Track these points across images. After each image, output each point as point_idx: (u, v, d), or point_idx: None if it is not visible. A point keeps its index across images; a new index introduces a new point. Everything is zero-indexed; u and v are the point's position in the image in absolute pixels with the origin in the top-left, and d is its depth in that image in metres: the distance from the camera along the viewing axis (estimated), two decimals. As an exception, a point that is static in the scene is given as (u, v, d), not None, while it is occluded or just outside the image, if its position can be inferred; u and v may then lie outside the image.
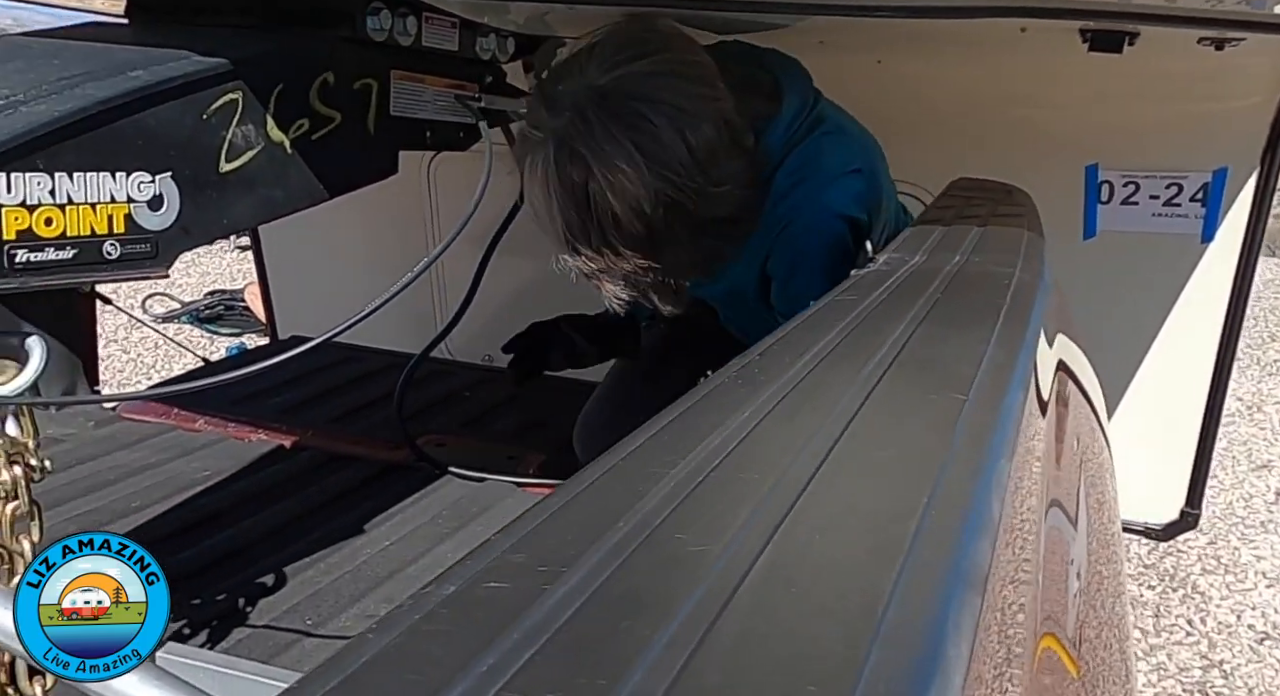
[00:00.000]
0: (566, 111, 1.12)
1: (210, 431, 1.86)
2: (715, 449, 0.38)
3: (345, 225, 2.53)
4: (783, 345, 0.53)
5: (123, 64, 0.95)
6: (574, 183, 1.12)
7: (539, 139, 1.14)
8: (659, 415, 0.44)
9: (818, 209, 1.25)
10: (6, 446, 0.86)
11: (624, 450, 0.40)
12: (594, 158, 1.10)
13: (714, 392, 0.46)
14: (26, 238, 0.85)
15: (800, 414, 0.42)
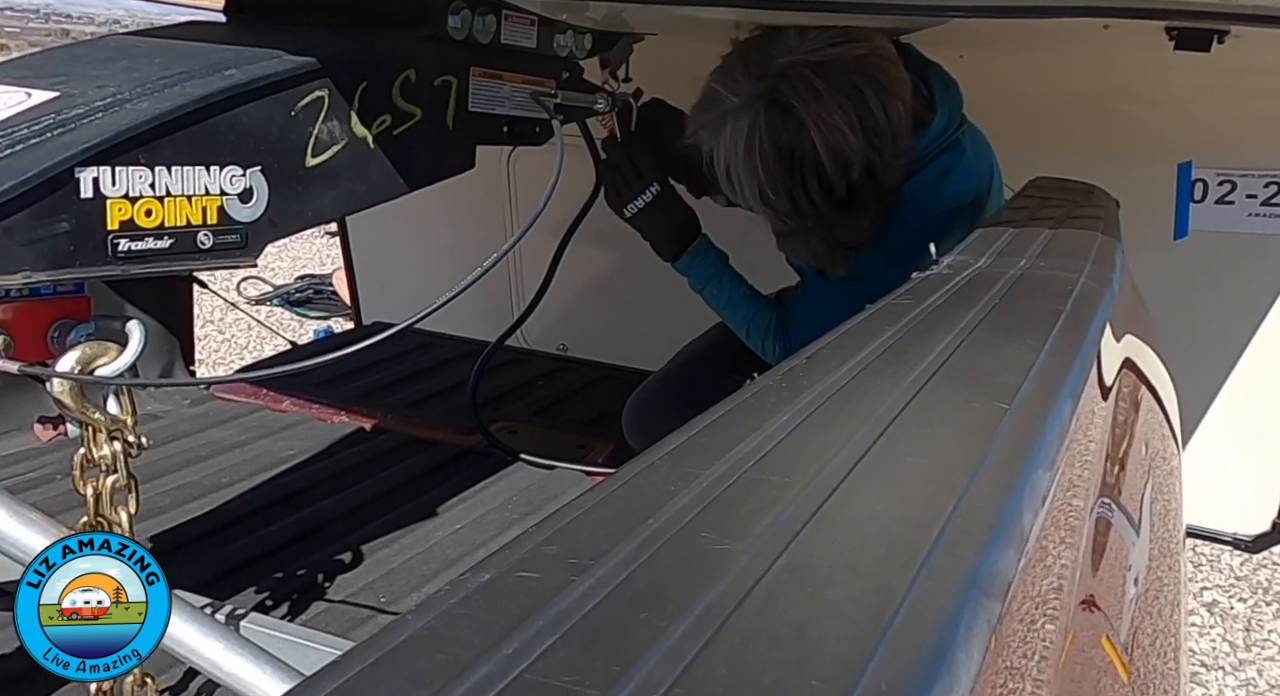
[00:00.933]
0: (782, 79, 1.24)
1: (295, 412, 1.94)
2: (750, 452, 0.40)
3: (428, 216, 2.60)
4: (831, 349, 0.54)
5: (218, 63, 1.00)
6: (786, 139, 1.25)
7: (737, 103, 1.27)
8: (698, 417, 0.45)
9: (920, 226, 1.33)
10: (108, 423, 0.92)
11: (661, 449, 0.42)
12: (813, 118, 1.24)
13: (756, 395, 0.47)
14: (128, 228, 0.91)
15: (837, 419, 0.43)
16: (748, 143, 1.28)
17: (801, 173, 1.28)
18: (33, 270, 0.85)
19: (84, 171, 0.87)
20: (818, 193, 1.29)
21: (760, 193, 1.31)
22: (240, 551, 1.42)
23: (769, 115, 1.27)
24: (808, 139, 1.26)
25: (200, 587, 1.31)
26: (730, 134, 1.30)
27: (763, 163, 1.28)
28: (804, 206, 1.30)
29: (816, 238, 1.37)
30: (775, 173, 1.29)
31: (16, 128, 0.88)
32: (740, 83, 1.30)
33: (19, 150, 0.86)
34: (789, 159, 1.28)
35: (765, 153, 1.28)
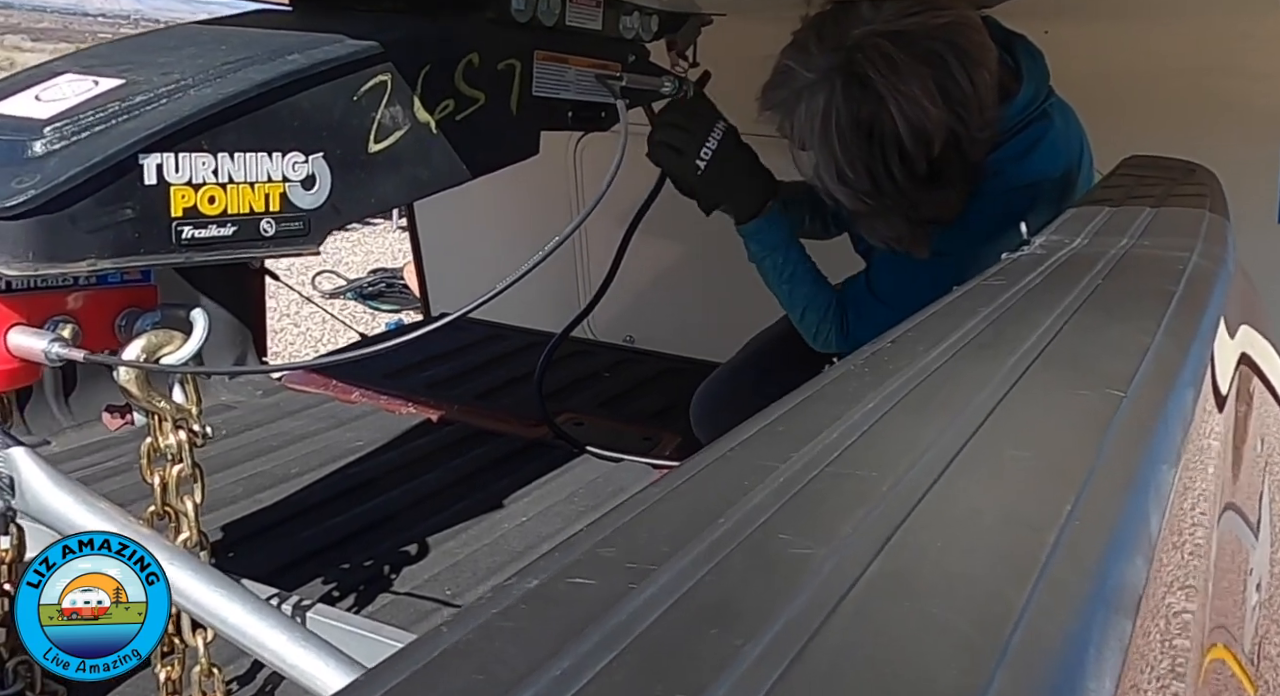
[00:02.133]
0: (858, 50, 1.20)
1: (364, 403, 1.95)
2: (832, 443, 0.36)
3: (495, 209, 2.59)
4: (918, 332, 0.49)
5: (281, 48, 0.99)
6: (864, 114, 1.20)
7: (811, 78, 1.23)
8: (775, 404, 0.41)
9: (1003, 199, 1.29)
10: (173, 412, 0.92)
11: (733, 440, 0.38)
12: (891, 90, 1.19)
13: (837, 381, 0.43)
14: (192, 215, 0.90)
15: (929, 408, 0.39)
16: (824, 119, 1.23)
17: (881, 148, 1.22)
18: (98, 258, 0.85)
19: (148, 158, 0.87)
20: (899, 168, 1.23)
21: (838, 171, 1.26)
22: (308, 541, 1.42)
23: (845, 89, 1.22)
24: (886, 112, 1.20)
25: (268, 577, 1.31)
26: (805, 111, 1.25)
27: (840, 139, 1.23)
28: (884, 184, 1.24)
29: (898, 216, 1.30)
30: (853, 149, 1.23)
31: (83, 114, 0.87)
32: (814, 57, 1.25)
33: (85, 137, 0.86)
34: (867, 134, 1.22)
35: (842, 129, 1.22)
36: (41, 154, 0.85)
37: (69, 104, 0.90)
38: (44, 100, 0.92)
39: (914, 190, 1.25)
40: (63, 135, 0.86)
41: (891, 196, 1.25)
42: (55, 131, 0.86)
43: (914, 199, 1.26)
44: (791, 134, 1.28)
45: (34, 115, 0.88)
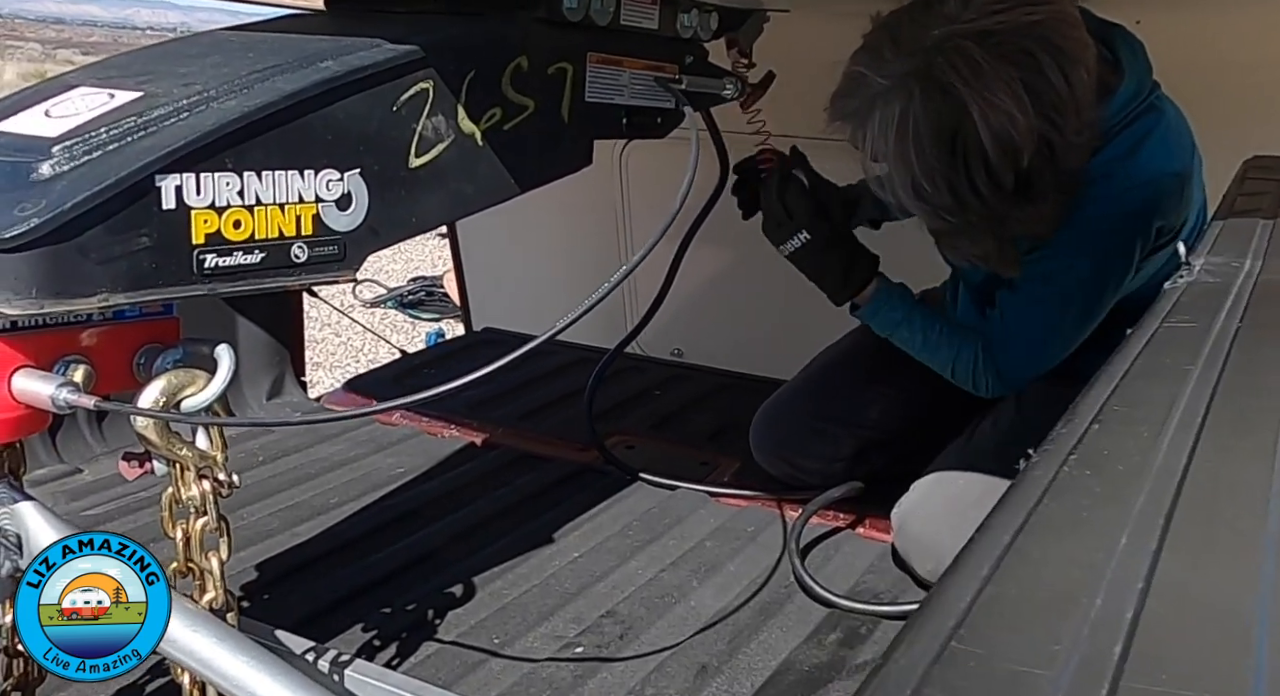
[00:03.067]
0: (938, 53, 1.08)
1: (405, 425, 1.86)
2: (1101, 619, 0.25)
3: (537, 217, 2.50)
4: (1125, 404, 0.38)
5: (313, 55, 0.90)
6: (945, 124, 1.10)
7: (885, 85, 1.12)
8: (979, 532, 0.31)
9: (1118, 200, 1.19)
10: (196, 460, 0.82)
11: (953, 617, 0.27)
12: (974, 96, 1.08)
13: (1057, 496, 0.32)
14: (215, 242, 0.81)
15: (1215, 550, 0.28)
16: (899, 129, 1.12)
17: (964, 161, 1.11)
18: (111, 292, 0.76)
19: (165, 179, 0.78)
20: (984, 183, 1.11)
21: (914, 186, 1.14)
22: (347, 580, 1.33)
23: (924, 97, 1.10)
24: (970, 122, 1.09)
25: (307, 621, 1.23)
26: (879, 121, 1.14)
27: (917, 151, 1.12)
28: (968, 199, 1.13)
29: (984, 234, 1.18)
30: (932, 162, 1.11)
31: (95, 132, 0.79)
32: (889, 62, 1.13)
33: (96, 157, 0.77)
34: (949, 146, 1.11)
35: (920, 139, 1.11)
36: (49, 176, 0.76)
37: (81, 120, 0.81)
38: (54, 116, 0.83)
39: (1001, 205, 1.13)
40: (72, 155, 0.77)
41: (976, 213, 1.13)
42: (64, 151, 0.77)
43: (1001, 215, 1.14)
44: (864, 145, 1.17)
45: (42, 133, 0.80)
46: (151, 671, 1.11)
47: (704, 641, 1.22)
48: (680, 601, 1.32)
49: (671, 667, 1.17)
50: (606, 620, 1.27)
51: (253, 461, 1.69)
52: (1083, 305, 1.28)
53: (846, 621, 1.28)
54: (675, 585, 1.36)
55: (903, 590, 1.37)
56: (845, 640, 1.24)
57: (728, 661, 1.18)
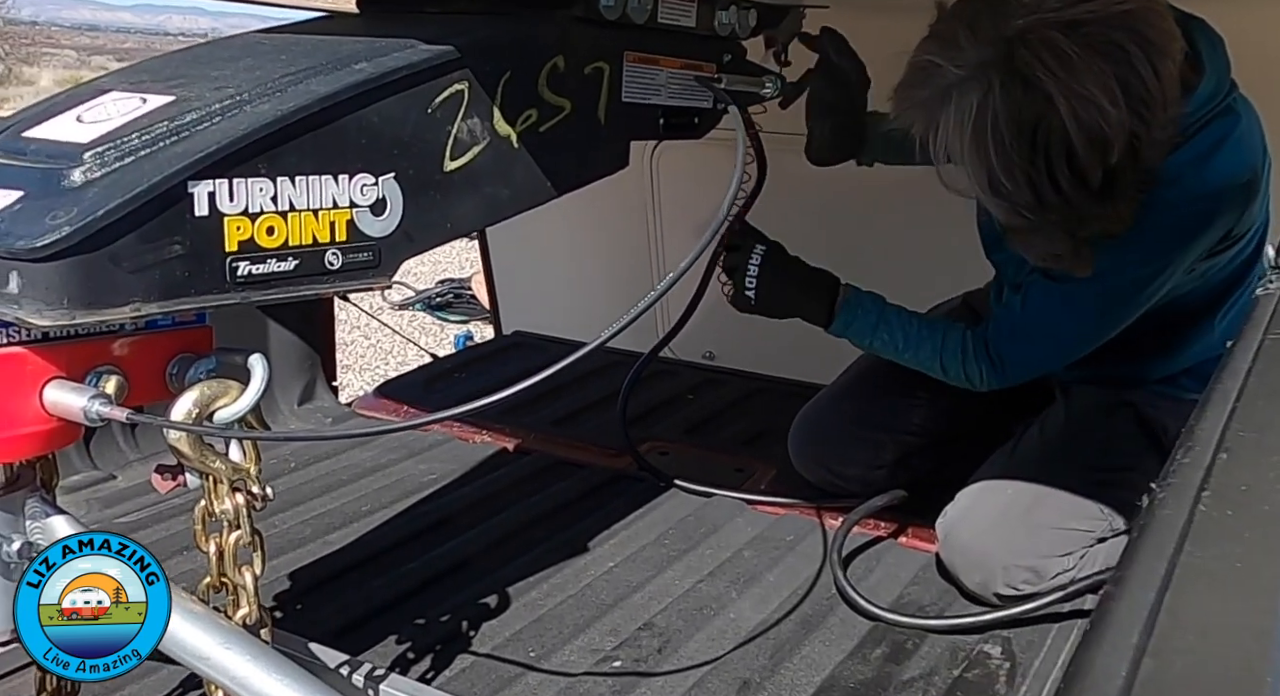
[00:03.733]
0: (1022, 43, 1.05)
1: (437, 431, 1.84)
2: None
3: (568, 220, 2.47)
4: (1248, 427, 0.34)
5: (347, 57, 0.88)
6: (1028, 116, 1.05)
7: (961, 75, 1.08)
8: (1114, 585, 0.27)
9: (1185, 207, 1.15)
10: (229, 473, 0.80)
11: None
12: (1062, 89, 1.03)
13: (1202, 539, 0.28)
14: (248, 249, 0.79)
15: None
16: (977, 120, 1.07)
17: (1047, 156, 1.06)
18: (143, 301, 0.74)
19: (198, 185, 0.76)
20: (1067, 179, 1.06)
21: (991, 182, 1.09)
22: (380, 591, 1.31)
23: (1006, 87, 1.05)
24: (1055, 115, 1.04)
25: (340, 633, 1.21)
26: (955, 111, 1.08)
27: (996, 145, 1.06)
28: (1048, 196, 1.08)
29: (1060, 233, 1.13)
30: (1013, 156, 1.06)
31: (127, 138, 0.77)
32: (965, 51, 1.08)
33: (128, 163, 0.75)
34: (1030, 139, 1.06)
35: (1000, 132, 1.06)
36: (80, 183, 0.74)
37: (113, 125, 0.79)
38: (86, 122, 0.81)
39: (1083, 203, 1.08)
40: (104, 162, 0.75)
41: (1056, 210, 1.08)
42: (96, 158, 0.75)
43: (1082, 213, 1.09)
44: (933, 139, 1.12)
45: (74, 139, 0.78)
46: (184, 684, 1.09)
47: (745, 655, 1.19)
48: (719, 613, 1.29)
49: (712, 683, 1.14)
50: (644, 632, 1.24)
51: (284, 468, 1.68)
52: (1122, 308, 1.24)
53: (892, 635, 1.24)
54: (713, 596, 1.33)
55: (949, 603, 1.33)
56: (891, 655, 1.20)
57: (770, 677, 1.15)
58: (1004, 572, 1.28)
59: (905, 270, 2.05)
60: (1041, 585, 1.28)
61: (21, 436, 0.73)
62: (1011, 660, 1.19)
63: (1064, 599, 1.26)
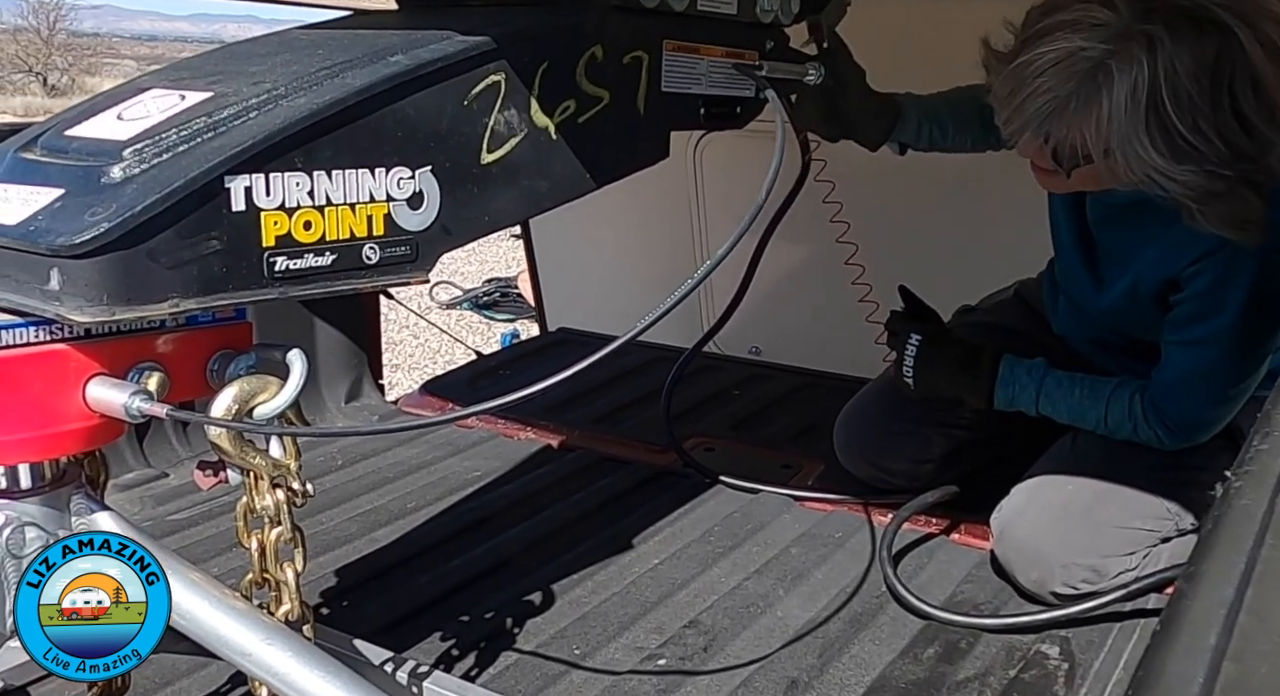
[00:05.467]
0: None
1: (481, 428, 1.84)
2: None
3: (611, 216, 2.46)
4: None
5: (383, 49, 0.87)
6: (1207, 54, 0.99)
7: (1106, 48, 1.01)
8: (1186, 583, 0.25)
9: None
10: (269, 469, 0.80)
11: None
12: (1232, 11, 0.99)
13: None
14: (285, 244, 0.79)
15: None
16: (1151, 84, 1.00)
17: (1231, 92, 0.99)
18: (182, 297, 0.74)
19: (234, 180, 0.76)
20: (1255, 111, 1.00)
21: (1174, 149, 1.01)
22: (425, 589, 1.31)
23: (1175, 32, 0.99)
24: (1235, 42, 0.98)
25: (385, 630, 1.21)
26: (1119, 87, 1.01)
27: (1176, 103, 0.99)
28: (1239, 140, 1.00)
29: (1247, 189, 1.04)
30: (1200, 106, 1.00)
31: (166, 134, 0.77)
32: (1102, 25, 1.01)
33: (166, 159, 0.75)
34: (1211, 80, 0.99)
35: (1178, 87, 0.99)
36: (119, 180, 0.74)
37: (151, 122, 0.79)
38: (126, 119, 0.82)
39: (1271, 134, 1.01)
40: (143, 158, 0.75)
41: (1247, 157, 1.01)
42: (135, 154, 0.75)
43: (1272, 153, 1.02)
44: (1093, 132, 1.04)
45: (114, 136, 0.78)
46: (233, 680, 1.10)
47: (792, 654, 1.17)
48: (766, 611, 1.26)
49: (759, 682, 1.11)
50: (689, 630, 1.22)
51: (331, 465, 1.69)
52: (1261, 328, 1.18)
53: (945, 634, 1.20)
54: (760, 594, 1.30)
55: (1004, 601, 1.29)
56: (944, 655, 1.17)
57: (819, 676, 1.12)
58: (1062, 571, 1.23)
59: (958, 259, 2.00)
60: (1101, 584, 1.23)
61: (65, 433, 0.74)
62: (1070, 660, 1.15)
63: (1126, 598, 1.21)
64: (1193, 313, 1.18)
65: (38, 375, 0.72)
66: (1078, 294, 1.40)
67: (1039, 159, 1.16)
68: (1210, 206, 1.06)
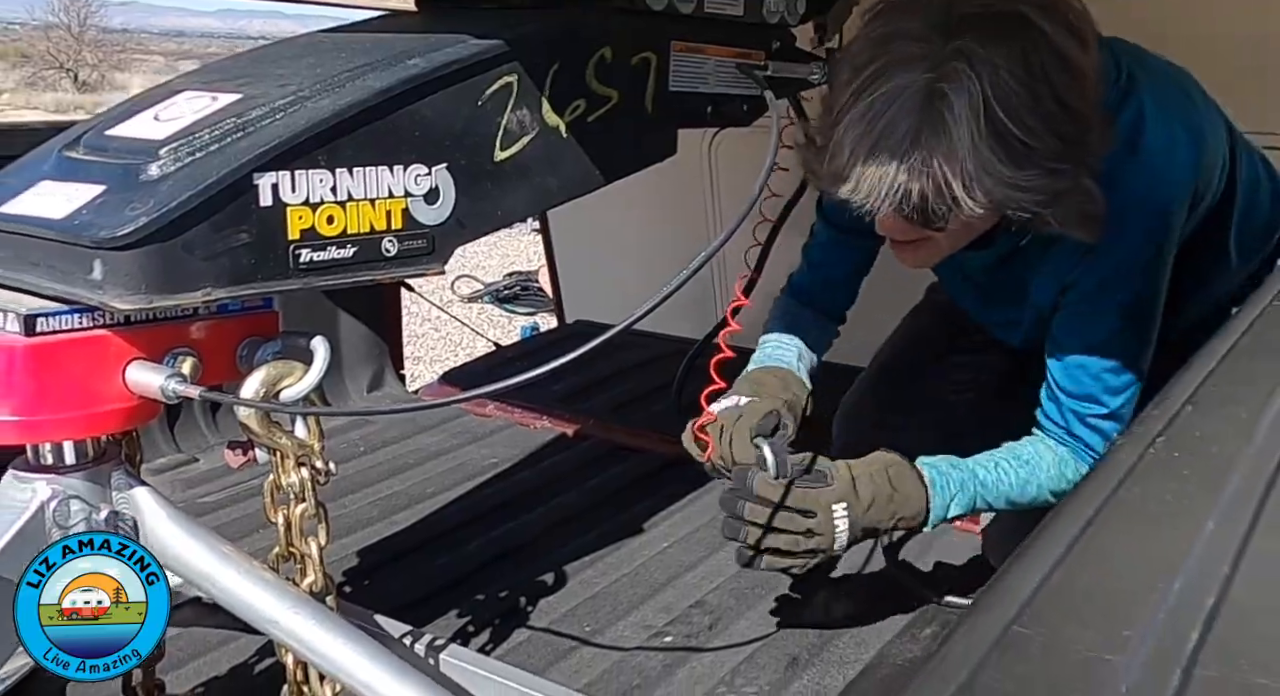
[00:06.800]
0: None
1: (499, 417, 1.90)
2: (1178, 607, 0.24)
3: (628, 209, 2.50)
4: (1223, 382, 0.35)
5: (401, 52, 0.92)
6: (1014, 49, 0.94)
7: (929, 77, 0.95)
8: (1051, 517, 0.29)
9: (1137, 213, 1.06)
10: (295, 449, 0.86)
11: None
12: (1039, 11, 0.97)
13: (1144, 478, 0.30)
14: (310, 237, 0.84)
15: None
16: (982, 94, 0.93)
17: (1047, 79, 0.95)
18: (214, 286, 0.79)
19: (263, 177, 0.81)
20: (1071, 91, 0.96)
21: (1014, 155, 0.95)
22: (443, 570, 1.37)
23: (985, 40, 0.94)
24: (1033, 29, 0.95)
25: (405, 608, 1.26)
26: (956, 106, 0.94)
27: (1008, 107, 0.94)
28: (1066, 128, 0.96)
29: (1087, 177, 1.00)
30: (1026, 103, 0.94)
31: (199, 134, 0.82)
32: (925, 43, 0.96)
33: (199, 157, 0.81)
34: (1026, 71, 0.94)
35: (1004, 89, 0.94)
36: (156, 177, 0.80)
37: (186, 122, 0.85)
38: (162, 120, 0.87)
39: (1091, 118, 0.98)
40: (178, 157, 0.80)
41: (1077, 143, 0.97)
42: (171, 153, 0.81)
43: (1095, 133, 0.99)
44: (948, 168, 0.95)
45: (151, 136, 0.84)
46: (260, 652, 1.16)
47: (794, 633, 1.21)
48: (770, 593, 1.31)
49: (762, 658, 1.16)
50: (695, 610, 1.27)
51: (354, 451, 1.75)
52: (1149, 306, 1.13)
53: (942, 616, 1.24)
54: (765, 577, 1.34)
55: (1002, 586, 1.32)
56: (940, 634, 1.21)
57: (819, 653, 1.17)
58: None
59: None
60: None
61: (107, 412, 0.79)
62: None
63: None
64: (1088, 290, 1.12)
65: (82, 358, 0.77)
66: (991, 328, 1.37)
67: (901, 231, 1.07)
68: (1060, 208, 1.01)
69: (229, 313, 0.87)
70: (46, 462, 0.82)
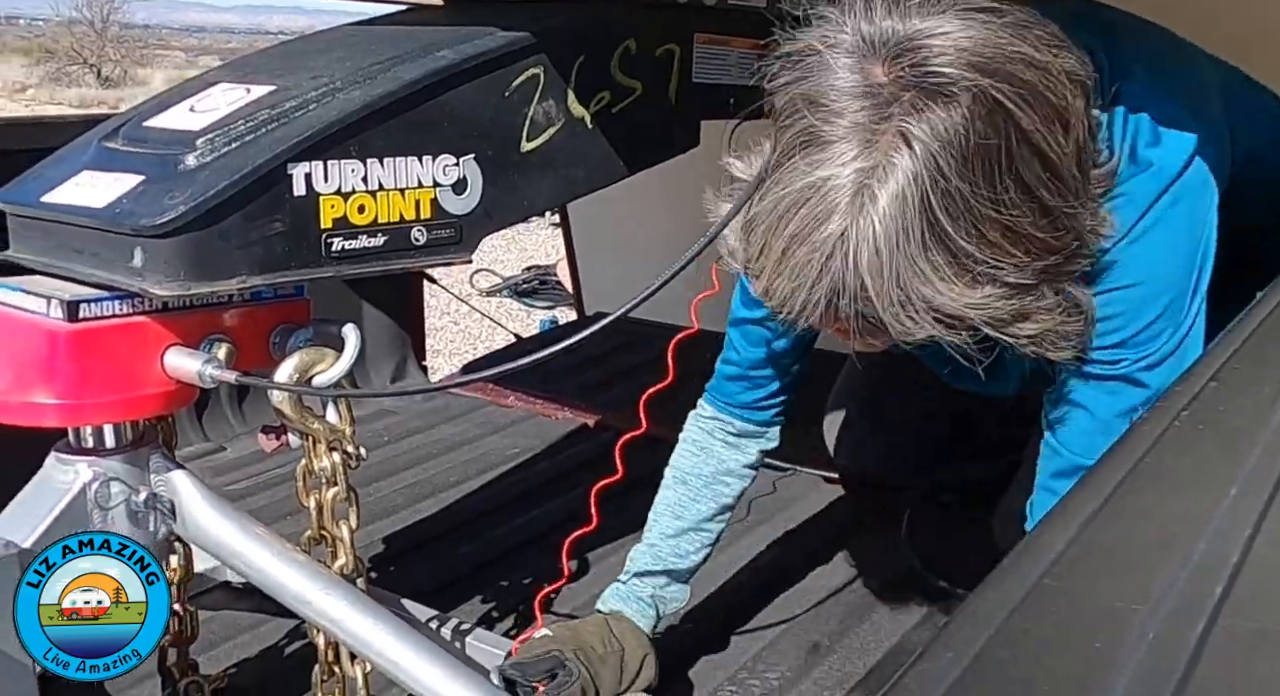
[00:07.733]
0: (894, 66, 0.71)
1: (520, 408, 1.92)
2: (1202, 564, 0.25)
3: (648, 202, 2.51)
4: (1247, 361, 0.36)
5: (430, 45, 0.94)
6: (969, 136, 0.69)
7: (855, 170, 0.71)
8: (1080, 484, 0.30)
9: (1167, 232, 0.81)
10: (326, 433, 0.87)
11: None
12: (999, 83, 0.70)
13: (1169, 448, 0.31)
14: (341, 226, 0.85)
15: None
16: (918, 193, 0.69)
17: (1015, 176, 0.70)
18: (249, 274, 0.81)
19: (296, 167, 0.82)
20: (1043, 181, 0.71)
21: (963, 270, 0.70)
22: (468, 557, 1.39)
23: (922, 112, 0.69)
24: (995, 107, 0.69)
25: (431, 594, 1.28)
26: (884, 205, 0.69)
27: (950, 215, 0.69)
28: (1042, 232, 0.71)
29: (1053, 294, 0.74)
30: (978, 211, 0.69)
31: (234, 125, 0.84)
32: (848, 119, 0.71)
33: (235, 148, 0.83)
34: (989, 164, 0.69)
35: (951, 192, 0.69)
36: (194, 167, 0.82)
37: (221, 114, 0.87)
38: (198, 111, 0.89)
39: (1067, 211, 0.72)
40: (214, 147, 0.82)
41: (1055, 249, 0.72)
42: (207, 143, 0.83)
43: (1070, 232, 0.73)
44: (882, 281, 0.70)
45: (188, 127, 0.86)
46: (290, 634, 1.18)
47: (815, 620, 1.22)
48: (792, 582, 1.32)
49: (783, 644, 1.17)
50: (717, 598, 1.28)
51: (378, 441, 1.78)
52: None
53: (962, 605, 1.25)
54: (786, 566, 1.36)
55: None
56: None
57: (839, 640, 1.18)
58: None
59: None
60: None
61: (146, 396, 0.81)
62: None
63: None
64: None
65: (122, 344, 0.79)
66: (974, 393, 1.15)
67: (838, 329, 0.79)
68: (1029, 325, 0.75)
69: (262, 300, 0.89)
70: (88, 445, 0.84)
